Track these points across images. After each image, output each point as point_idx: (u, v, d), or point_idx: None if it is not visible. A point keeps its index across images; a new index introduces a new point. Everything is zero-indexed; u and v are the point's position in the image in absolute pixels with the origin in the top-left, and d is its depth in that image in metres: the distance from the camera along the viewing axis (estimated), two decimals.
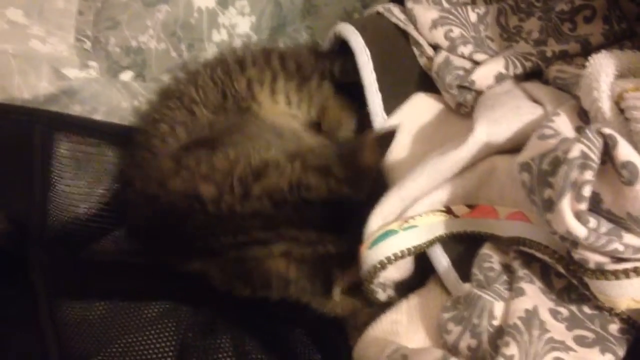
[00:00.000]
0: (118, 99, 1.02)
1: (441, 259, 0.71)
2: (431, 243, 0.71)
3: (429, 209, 0.73)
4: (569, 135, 0.63)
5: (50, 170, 0.85)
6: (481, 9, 0.90)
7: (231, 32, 1.20)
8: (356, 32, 0.89)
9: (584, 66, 0.67)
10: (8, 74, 0.93)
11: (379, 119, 0.84)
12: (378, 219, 0.73)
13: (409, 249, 0.70)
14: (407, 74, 0.88)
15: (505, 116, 0.71)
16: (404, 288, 0.74)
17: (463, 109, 0.82)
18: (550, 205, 0.56)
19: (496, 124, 0.70)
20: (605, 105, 0.64)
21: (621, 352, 0.59)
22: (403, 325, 0.69)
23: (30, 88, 0.93)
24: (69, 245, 0.85)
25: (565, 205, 0.54)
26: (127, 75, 1.09)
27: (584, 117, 0.67)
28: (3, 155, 0.83)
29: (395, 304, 0.72)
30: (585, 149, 0.54)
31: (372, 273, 0.70)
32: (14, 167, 0.83)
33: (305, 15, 1.29)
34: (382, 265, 0.70)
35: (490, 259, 0.67)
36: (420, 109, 0.84)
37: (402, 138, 0.80)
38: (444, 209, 0.73)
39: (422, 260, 0.73)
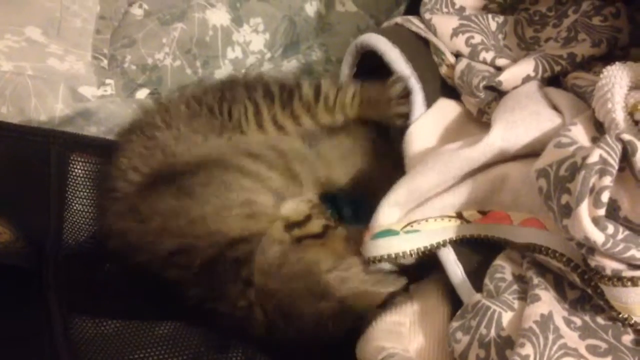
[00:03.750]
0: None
1: (455, 269, 0.70)
2: (434, 247, 0.71)
3: (439, 214, 0.72)
4: (586, 144, 0.62)
5: (65, 190, 0.85)
6: (500, 18, 0.90)
7: (245, 50, 1.21)
8: (382, 37, 0.88)
9: (601, 73, 0.66)
10: (25, 96, 0.95)
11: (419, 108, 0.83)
12: (385, 208, 0.73)
13: (404, 252, 0.71)
14: (431, 79, 0.88)
15: (524, 120, 0.70)
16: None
17: (485, 116, 0.81)
18: (567, 211, 0.55)
19: (513, 128, 0.69)
20: (620, 117, 0.63)
21: None
22: (406, 327, 0.69)
23: (46, 110, 0.95)
24: (84, 264, 0.85)
25: (584, 211, 0.53)
26: (143, 93, 1.09)
27: (600, 128, 0.66)
28: (20, 175, 0.84)
29: (398, 306, 0.72)
30: (605, 154, 0.53)
31: (370, 262, 0.73)
32: (31, 187, 0.84)
33: (319, 33, 1.30)
34: (377, 261, 0.72)
35: (502, 269, 0.66)
36: (444, 114, 0.83)
37: (424, 140, 0.80)
38: (454, 214, 0.72)
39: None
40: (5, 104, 0.92)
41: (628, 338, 0.58)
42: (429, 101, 0.84)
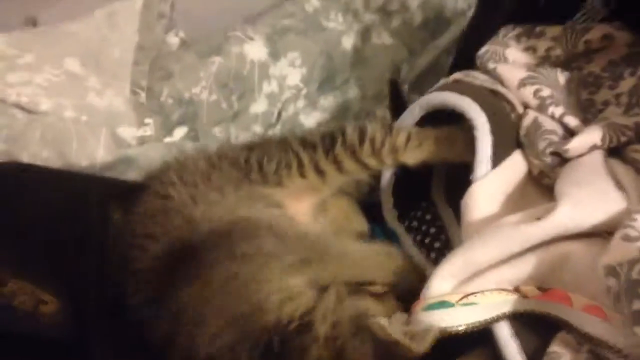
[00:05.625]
0: None
1: (512, 346, 0.65)
2: (491, 321, 0.68)
3: (495, 287, 0.69)
4: None
5: (106, 238, 0.82)
6: (567, 74, 0.88)
7: (281, 84, 1.20)
8: (446, 92, 0.85)
9: None
10: (66, 140, 0.93)
11: (484, 166, 0.78)
12: (438, 279, 0.70)
13: (459, 326, 0.66)
14: (506, 130, 0.83)
15: (591, 199, 0.67)
16: None
17: (546, 180, 0.78)
18: (639, 318, 0.53)
19: (580, 207, 0.67)
20: None
21: None
22: None
23: (87, 156, 0.94)
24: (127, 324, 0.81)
25: None
26: (181, 131, 1.08)
27: None
28: (60, 225, 0.79)
29: None
30: None
31: (416, 335, 0.67)
32: (71, 239, 0.79)
33: (355, 66, 1.28)
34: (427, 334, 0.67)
35: (560, 359, 0.64)
36: (508, 174, 0.80)
37: (485, 204, 0.76)
38: (511, 288, 0.70)
39: None
40: (47, 147, 0.91)
41: None
42: (497, 155, 0.79)
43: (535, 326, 0.67)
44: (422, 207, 0.96)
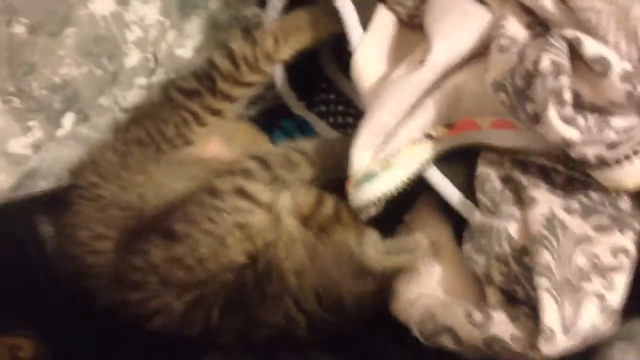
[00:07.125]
0: (75, 155, 0.97)
1: (445, 185, 0.71)
2: (418, 172, 0.71)
3: (408, 141, 0.71)
4: (523, 37, 0.63)
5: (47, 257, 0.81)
6: None
7: (143, 26, 1.15)
8: None
9: None
10: None
11: (356, 32, 0.78)
12: (356, 154, 0.71)
13: (391, 190, 0.71)
14: None
15: (457, 26, 0.69)
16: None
17: (416, 20, 0.79)
18: (536, 118, 0.57)
19: (451, 37, 0.68)
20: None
21: (638, 226, 0.60)
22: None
23: None
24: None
25: (552, 115, 0.55)
26: (69, 118, 1.05)
27: (529, 12, 0.66)
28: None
29: None
30: (554, 57, 0.55)
31: (359, 210, 0.72)
32: (13, 273, 0.78)
33: None
34: (367, 207, 0.71)
35: (489, 177, 0.67)
36: (382, 25, 0.80)
37: (373, 62, 0.77)
38: (422, 137, 0.72)
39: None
40: None
41: (625, 204, 0.61)
42: (364, 17, 0.79)
43: (458, 159, 0.71)
44: (323, 88, 0.97)
